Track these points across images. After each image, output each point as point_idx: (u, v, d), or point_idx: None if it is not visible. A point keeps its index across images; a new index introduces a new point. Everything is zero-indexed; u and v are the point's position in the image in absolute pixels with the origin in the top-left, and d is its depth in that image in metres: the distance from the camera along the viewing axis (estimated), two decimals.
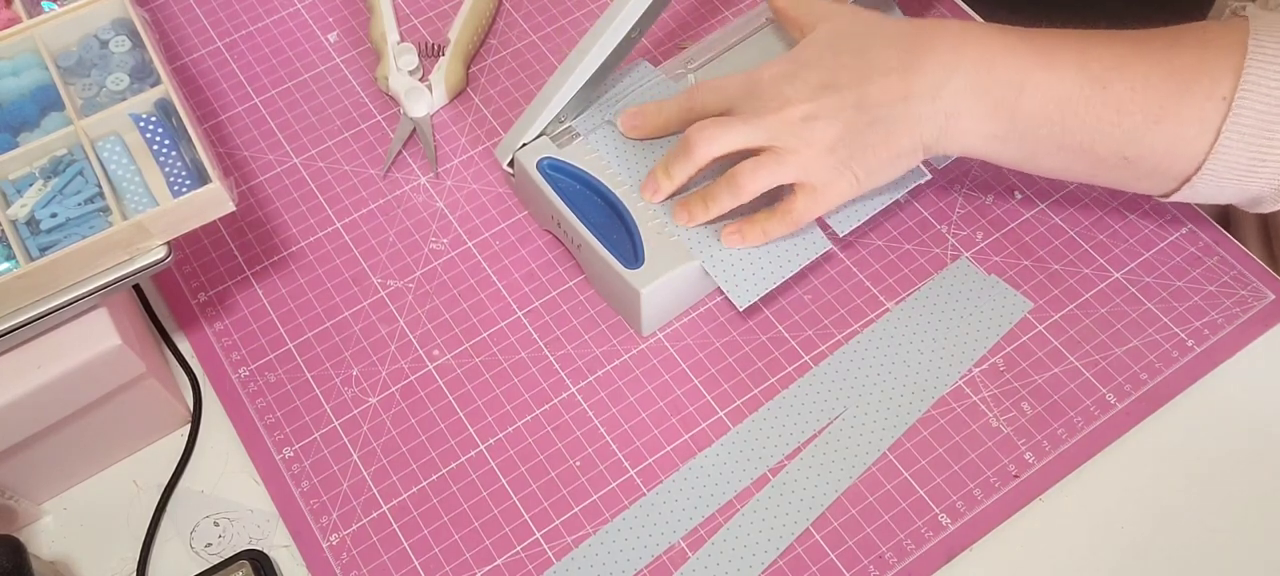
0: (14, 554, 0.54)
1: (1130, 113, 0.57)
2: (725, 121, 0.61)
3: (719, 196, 0.62)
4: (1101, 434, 0.62)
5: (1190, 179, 0.58)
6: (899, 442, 0.62)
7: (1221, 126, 0.56)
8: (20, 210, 0.56)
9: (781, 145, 0.60)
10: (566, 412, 0.64)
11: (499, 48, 0.79)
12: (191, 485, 0.62)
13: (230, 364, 0.66)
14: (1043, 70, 0.57)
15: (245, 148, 0.74)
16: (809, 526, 0.60)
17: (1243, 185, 0.58)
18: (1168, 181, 0.59)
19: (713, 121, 0.61)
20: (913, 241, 0.69)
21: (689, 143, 0.62)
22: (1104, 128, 0.57)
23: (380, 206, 0.71)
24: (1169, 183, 0.60)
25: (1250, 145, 0.56)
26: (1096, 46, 0.58)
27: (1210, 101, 0.56)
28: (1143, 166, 0.59)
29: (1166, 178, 0.59)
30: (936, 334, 0.65)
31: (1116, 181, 0.61)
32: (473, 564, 0.59)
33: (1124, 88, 0.57)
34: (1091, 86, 0.57)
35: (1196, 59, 0.57)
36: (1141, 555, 0.59)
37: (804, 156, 0.60)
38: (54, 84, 0.59)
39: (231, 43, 0.79)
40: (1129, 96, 0.57)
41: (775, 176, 0.60)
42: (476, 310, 0.67)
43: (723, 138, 0.61)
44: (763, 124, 0.60)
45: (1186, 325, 0.65)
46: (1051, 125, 0.58)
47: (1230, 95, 0.56)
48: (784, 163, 0.60)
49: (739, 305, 0.62)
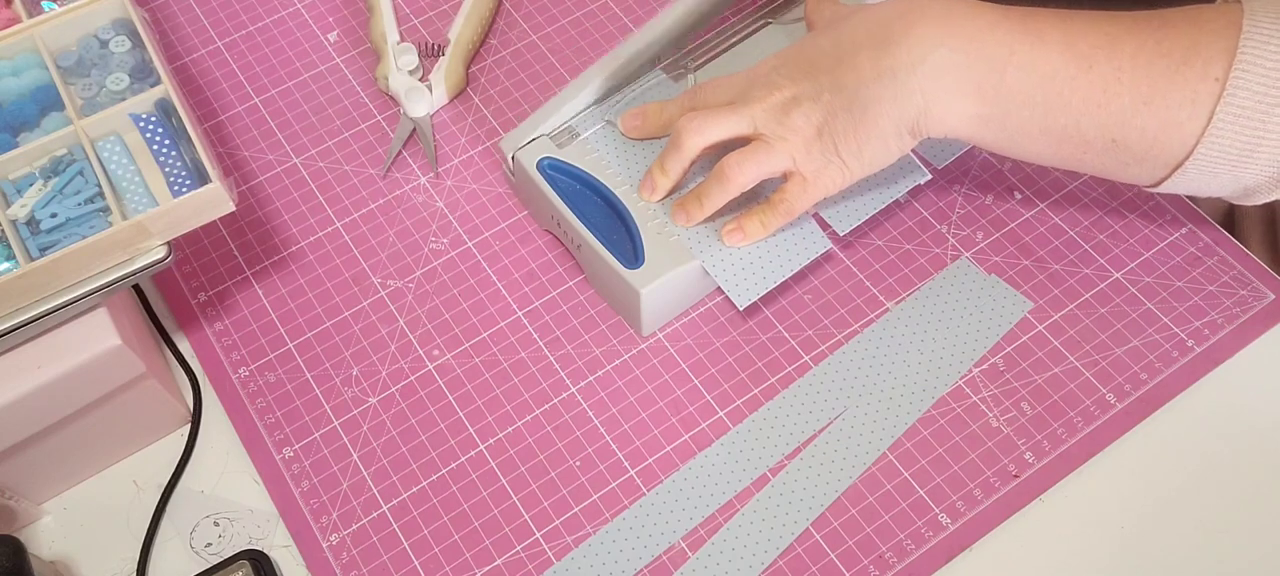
0: (14, 554, 0.54)
1: (1118, 93, 0.55)
2: (712, 111, 0.61)
3: (711, 192, 0.62)
4: (1101, 434, 0.62)
5: (1182, 165, 0.56)
6: (899, 442, 0.62)
7: (1214, 108, 0.54)
8: (20, 210, 0.56)
9: (769, 134, 0.60)
10: (566, 412, 0.64)
11: (499, 48, 0.79)
12: (191, 485, 0.62)
13: (230, 364, 0.66)
14: (1027, 48, 0.56)
15: (245, 148, 0.74)
16: (809, 526, 0.60)
17: (1236, 173, 0.56)
18: (1158, 168, 0.58)
19: (699, 111, 0.62)
20: (913, 241, 0.69)
21: (677, 134, 0.62)
22: (1090, 109, 0.56)
23: (380, 206, 0.71)
24: (1159, 169, 0.58)
25: (1244, 129, 0.54)
26: (1084, 25, 0.56)
27: (1203, 82, 0.54)
28: (1132, 151, 0.57)
29: (1156, 164, 0.57)
30: (936, 334, 0.65)
31: (1105, 168, 0.59)
32: (473, 564, 0.59)
33: (1111, 68, 0.55)
34: (1077, 65, 0.55)
35: (1188, 39, 0.55)
36: (1141, 555, 0.59)
37: (791, 144, 0.59)
38: (54, 84, 0.59)
39: (231, 42, 0.79)
40: (1116, 76, 0.55)
41: (763, 166, 0.60)
42: (476, 310, 0.67)
43: (709, 127, 0.61)
44: (748, 112, 0.60)
45: (1186, 325, 0.65)
46: (1035, 106, 0.56)
47: (1224, 76, 0.54)
48: (773, 152, 0.60)
49: (739, 304, 0.62)
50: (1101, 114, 0.56)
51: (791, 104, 0.59)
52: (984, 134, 0.58)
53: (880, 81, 0.57)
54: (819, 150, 0.59)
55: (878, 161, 0.60)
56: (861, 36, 0.58)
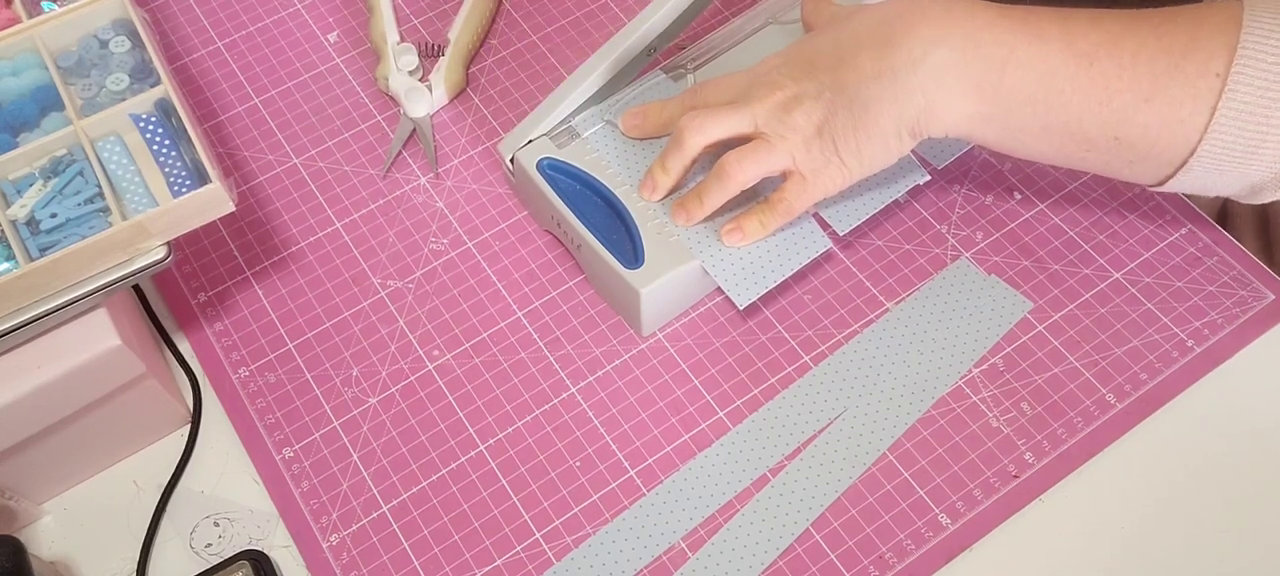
0: (14, 554, 0.54)
1: (1119, 91, 0.55)
2: (712, 110, 0.61)
3: (710, 190, 0.62)
4: (1101, 434, 0.62)
5: (1186, 163, 0.56)
6: (899, 442, 0.62)
7: (1216, 104, 0.54)
8: (20, 210, 0.56)
9: (769, 132, 0.60)
10: (566, 412, 0.64)
11: (499, 48, 0.79)
12: (191, 485, 0.62)
13: (230, 364, 0.66)
14: (1027, 47, 0.56)
15: (245, 148, 0.74)
16: (809, 526, 0.60)
17: (1241, 170, 0.56)
18: (1161, 166, 0.58)
19: (701, 110, 0.62)
20: (913, 241, 0.69)
21: (679, 133, 0.62)
22: (1091, 106, 0.56)
23: (380, 206, 0.71)
24: (1163, 167, 0.58)
25: (1247, 125, 0.54)
26: (1084, 23, 0.56)
27: (1203, 78, 0.54)
28: (1135, 149, 0.57)
29: (1160, 162, 0.57)
30: (936, 334, 0.65)
31: (1109, 166, 0.59)
32: (473, 564, 0.59)
33: (1112, 65, 0.55)
34: (1077, 63, 0.55)
35: (1188, 36, 0.55)
36: (1141, 555, 0.59)
37: (790, 143, 0.59)
38: (54, 84, 0.59)
39: (231, 43, 0.79)
40: (1117, 73, 0.55)
41: (762, 165, 0.60)
42: (476, 310, 0.67)
43: (710, 126, 0.61)
44: (748, 111, 0.60)
45: (1186, 325, 0.65)
46: (1036, 104, 0.56)
47: (1225, 72, 0.54)
48: (773, 150, 0.60)
49: (739, 304, 0.62)
50: (1103, 111, 0.56)
51: (792, 102, 0.59)
52: (985, 133, 0.58)
53: (880, 81, 0.57)
54: (819, 149, 0.59)
55: (877, 162, 0.60)
56: (862, 36, 0.58)
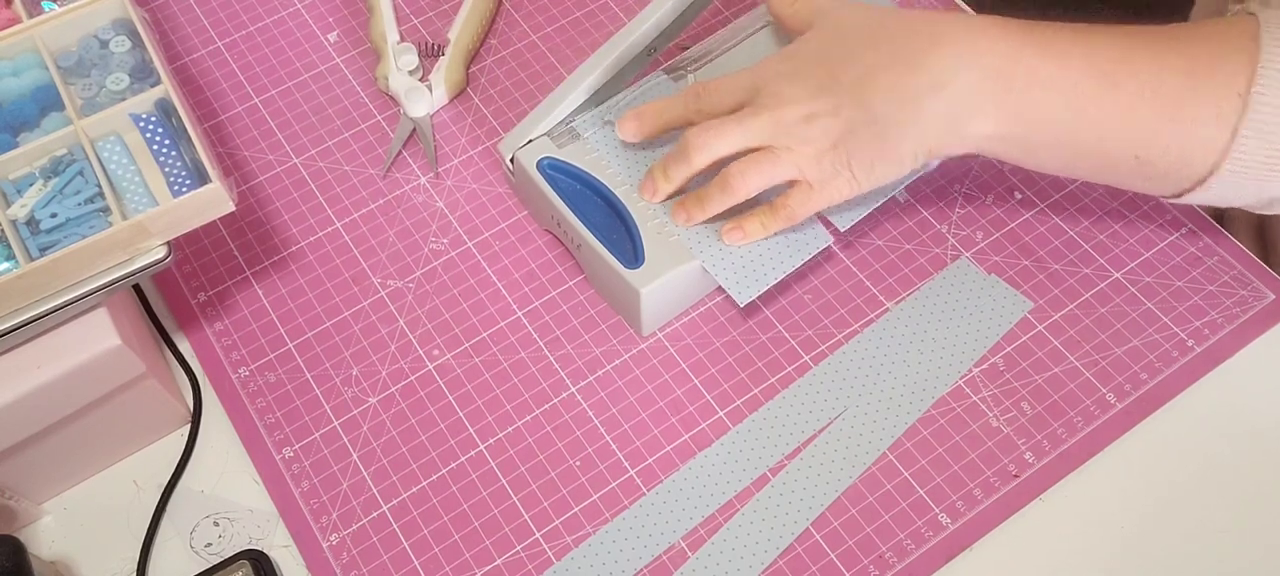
0: (14, 554, 0.54)
1: (1142, 111, 0.55)
2: (722, 124, 0.60)
3: (713, 196, 0.62)
4: (1101, 434, 0.62)
5: (1206, 180, 0.57)
6: (899, 442, 0.62)
7: (1238, 124, 0.54)
8: (20, 210, 0.56)
9: (777, 144, 0.59)
10: (566, 412, 0.64)
11: (499, 48, 0.79)
12: (191, 485, 0.62)
13: (230, 364, 0.66)
14: (1051, 67, 0.56)
15: (245, 148, 0.74)
16: (809, 526, 0.60)
17: (1261, 185, 0.57)
18: (1180, 182, 0.58)
19: (710, 124, 0.61)
20: (913, 241, 0.69)
21: (687, 147, 0.61)
22: (1114, 126, 0.56)
23: (380, 206, 0.71)
24: (1182, 183, 0.58)
25: (1269, 142, 0.55)
26: (1106, 42, 0.56)
27: (1227, 100, 0.55)
28: (1155, 166, 0.57)
29: (1180, 178, 0.58)
30: (936, 334, 0.65)
31: (1127, 182, 0.60)
32: (473, 564, 0.59)
33: (1135, 85, 0.55)
34: (1101, 83, 0.56)
35: (1209, 56, 0.55)
36: (1141, 555, 0.59)
37: (800, 154, 0.59)
38: (54, 84, 0.59)
39: (231, 43, 0.79)
40: (1139, 94, 0.55)
41: (769, 175, 0.60)
42: (476, 310, 0.67)
43: (719, 142, 0.60)
44: (760, 124, 0.59)
45: (1186, 325, 0.65)
46: (1060, 125, 0.56)
47: (1246, 91, 0.54)
48: (779, 161, 0.59)
49: (740, 302, 0.62)
50: (1126, 131, 0.56)
51: (809, 119, 0.58)
52: (1007, 151, 0.59)
53: (903, 106, 0.57)
54: (830, 162, 0.59)
55: (888, 178, 0.60)
56: (883, 52, 0.58)
